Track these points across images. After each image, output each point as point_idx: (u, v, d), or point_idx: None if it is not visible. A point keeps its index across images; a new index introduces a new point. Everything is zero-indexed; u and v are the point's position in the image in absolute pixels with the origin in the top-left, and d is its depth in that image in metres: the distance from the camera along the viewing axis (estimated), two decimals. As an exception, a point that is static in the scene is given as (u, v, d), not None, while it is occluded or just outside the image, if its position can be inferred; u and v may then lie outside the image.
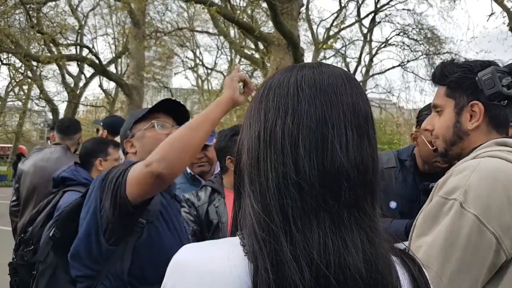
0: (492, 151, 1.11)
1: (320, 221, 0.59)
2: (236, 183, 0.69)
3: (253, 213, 0.61)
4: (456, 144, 1.23)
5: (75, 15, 18.13)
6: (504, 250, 0.98)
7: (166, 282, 0.61)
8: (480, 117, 1.18)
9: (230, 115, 21.28)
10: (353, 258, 0.57)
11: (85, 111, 32.68)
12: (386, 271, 0.60)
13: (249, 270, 0.57)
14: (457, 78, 1.21)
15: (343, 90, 0.65)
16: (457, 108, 1.21)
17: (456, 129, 1.22)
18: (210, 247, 0.63)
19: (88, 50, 16.34)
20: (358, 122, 0.64)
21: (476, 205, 1.00)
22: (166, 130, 1.59)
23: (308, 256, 0.57)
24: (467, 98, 1.20)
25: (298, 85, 0.65)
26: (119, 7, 13.71)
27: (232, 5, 11.97)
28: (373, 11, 18.85)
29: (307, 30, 18.57)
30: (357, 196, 0.61)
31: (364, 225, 0.61)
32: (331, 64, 0.73)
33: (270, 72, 8.85)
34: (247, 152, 0.66)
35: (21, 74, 17.21)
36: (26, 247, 1.91)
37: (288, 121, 0.62)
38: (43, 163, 2.99)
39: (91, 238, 1.34)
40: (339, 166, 0.60)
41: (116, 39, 21.08)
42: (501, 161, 1.07)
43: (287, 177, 0.60)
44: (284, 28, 7.65)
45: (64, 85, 18.82)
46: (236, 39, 17.38)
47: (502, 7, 13.16)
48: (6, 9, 11.41)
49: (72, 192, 2.14)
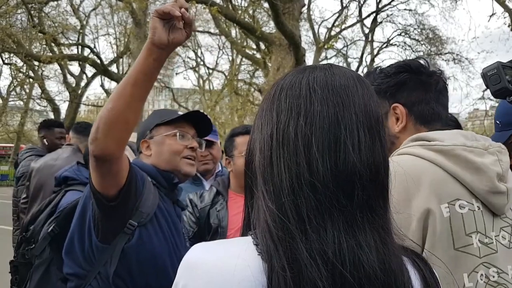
0: (403, 148, 1.10)
1: (334, 221, 0.59)
2: (248, 183, 0.70)
3: (268, 212, 0.61)
4: (390, 149, 1.20)
5: (77, 15, 18.15)
6: None
7: (178, 281, 0.61)
8: (403, 118, 1.16)
9: (231, 115, 21.30)
10: (368, 257, 0.58)
11: (86, 111, 32.73)
12: (398, 270, 0.61)
13: (264, 269, 0.58)
14: (376, 86, 1.19)
15: (354, 92, 0.65)
16: (383, 114, 1.20)
17: (387, 134, 1.19)
18: (222, 246, 0.63)
19: (89, 50, 16.37)
20: (370, 123, 0.64)
21: None
22: (186, 142, 1.56)
23: (324, 255, 0.57)
24: (388, 102, 1.18)
25: (310, 86, 0.65)
26: (121, 7, 13.73)
27: (234, 5, 11.98)
28: (374, 11, 18.84)
29: (309, 30, 18.59)
30: (369, 196, 0.62)
31: (377, 225, 0.62)
32: None
33: (272, 72, 8.84)
34: (260, 153, 0.66)
35: (22, 74, 17.23)
36: (27, 245, 1.91)
37: (301, 121, 0.63)
38: (52, 162, 3.05)
39: (84, 232, 1.34)
40: (352, 167, 0.61)
41: (117, 39, 21.11)
42: (406, 156, 1.06)
43: (300, 177, 0.61)
44: (286, 28, 7.66)
45: (66, 85, 18.83)
46: (238, 39, 17.38)
47: (504, 7, 13.13)
48: (8, 9, 11.42)
49: (74, 191, 2.14)
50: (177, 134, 1.55)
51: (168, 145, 1.54)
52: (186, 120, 1.59)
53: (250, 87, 19.47)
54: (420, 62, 1.20)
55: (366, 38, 20.04)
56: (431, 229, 0.97)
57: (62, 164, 2.90)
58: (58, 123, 3.96)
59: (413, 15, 18.91)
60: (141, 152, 1.59)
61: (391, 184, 0.66)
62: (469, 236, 0.99)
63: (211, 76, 24.57)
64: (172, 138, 1.55)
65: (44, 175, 3.00)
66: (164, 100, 49.69)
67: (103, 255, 1.32)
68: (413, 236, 0.96)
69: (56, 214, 1.56)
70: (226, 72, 22.19)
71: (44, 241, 1.53)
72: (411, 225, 0.97)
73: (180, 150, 1.54)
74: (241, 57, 19.75)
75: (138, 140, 1.61)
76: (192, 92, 26.83)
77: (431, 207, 0.97)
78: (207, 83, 24.92)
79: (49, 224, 1.55)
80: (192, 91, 26.78)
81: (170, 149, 1.53)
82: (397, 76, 1.19)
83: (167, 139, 1.55)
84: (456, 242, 0.98)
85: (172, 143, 1.54)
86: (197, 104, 26.82)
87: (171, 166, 1.55)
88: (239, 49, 16.33)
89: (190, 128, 1.60)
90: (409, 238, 0.93)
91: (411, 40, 19.28)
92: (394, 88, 1.18)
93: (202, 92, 24.71)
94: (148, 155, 1.56)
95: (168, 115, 1.60)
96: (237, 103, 19.54)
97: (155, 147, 1.55)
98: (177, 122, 1.57)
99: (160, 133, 1.56)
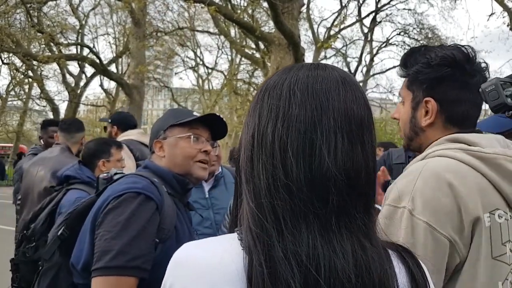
0: (442, 149, 1.08)
1: (309, 224, 0.59)
2: (236, 181, 0.71)
3: (249, 210, 0.63)
4: (413, 139, 1.19)
5: (76, 15, 18.14)
6: (458, 252, 0.97)
7: (166, 280, 0.62)
8: (433, 114, 1.13)
9: (231, 115, 21.29)
10: (342, 264, 0.58)
11: (85, 110, 32.72)
12: (379, 274, 0.60)
13: (245, 263, 0.59)
14: (414, 72, 1.15)
15: (335, 95, 0.64)
16: (414, 102, 1.17)
17: (412, 124, 1.18)
18: (209, 243, 0.64)
19: (88, 49, 16.35)
20: (350, 127, 0.63)
21: (425, 211, 0.97)
22: (200, 145, 1.52)
23: (298, 257, 0.58)
24: (423, 93, 1.14)
25: (291, 88, 0.65)
26: (120, 6, 13.71)
27: (233, 5, 11.99)
28: (374, 11, 18.86)
29: (308, 30, 18.62)
30: (346, 202, 0.61)
31: (355, 230, 0.61)
32: (332, 65, 0.73)
33: (271, 72, 8.85)
34: (243, 152, 0.67)
35: (21, 73, 17.21)
36: (28, 243, 1.91)
37: (278, 125, 0.63)
38: (40, 162, 3.05)
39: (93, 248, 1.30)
40: (326, 171, 0.60)
41: (116, 39, 21.10)
42: (449, 160, 1.04)
43: (277, 179, 0.61)
44: (285, 27, 7.66)
45: (65, 85, 18.83)
46: (237, 38, 17.39)
47: (503, 6, 13.15)
48: (6, 9, 11.41)
49: (75, 190, 2.15)
50: (191, 137, 1.51)
51: (181, 148, 1.51)
52: (200, 122, 1.55)
53: (249, 87, 19.47)
54: (467, 53, 1.12)
55: (365, 37, 20.06)
56: (477, 237, 0.98)
57: (51, 164, 2.91)
58: (52, 122, 3.90)
59: (412, 14, 18.92)
60: (154, 152, 1.56)
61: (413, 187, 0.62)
62: (504, 245, 1.00)
63: (210, 75, 24.60)
64: (186, 140, 1.51)
65: (32, 175, 2.99)
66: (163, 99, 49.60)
67: None
68: (464, 241, 0.97)
69: (65, 217, 1.52)
70: (225, 72, 22.20)
71: (54, 245, 1.49)
72: (464, 231, 0.97)
73: (194, 154, 1.51)
74: (240, 57, 19.76)
75: (151, 140, 1.58)
76: (191, 92, 26.82)
77: (480, 215, 0.98)
78: (207, 82, 24.94)
79: (58, 226, 1.51)
80: (192, 91, 26.78)
81: (184, 152, 1.50)
82: (439, 70, 1.12)
83: (180, 141, 1.51)
84: (494, 251, 0.99)
85: (186, 146, 1.51)
86: (196, 104, 26.81)
87: (184, 170, 1.52)
88: (238, 48, 16.32)
89: (205, 130, 1.56)
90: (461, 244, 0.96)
91: (410, 39, 19.31)
92: (434, 81, 1.13)
93: (201, 91, 24.70)
94: (161, 156, 1.53)
95: (183, 115, 1.56)
96: (237, 102, 19.54)
97: (168, 148, 1.52)
98: (191, 124, 1.53)
99: (174, 134, 1.52)
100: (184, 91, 28.27)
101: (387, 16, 19.16)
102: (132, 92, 13.02)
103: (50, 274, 1.52)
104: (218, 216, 2.24)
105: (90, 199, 1.50)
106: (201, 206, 2.25)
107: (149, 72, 18.18)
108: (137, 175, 1.45)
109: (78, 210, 1.49)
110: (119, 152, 2.61)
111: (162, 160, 1.53)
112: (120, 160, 2.60)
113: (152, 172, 1.50)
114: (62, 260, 1.49)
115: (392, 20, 19.27)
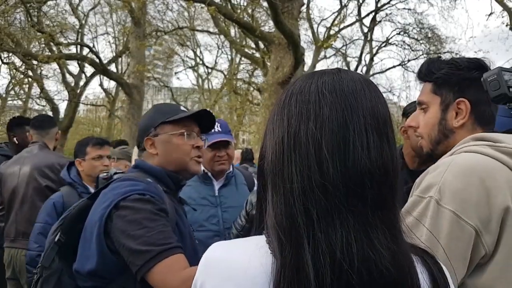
0: (468, 146, 1.10)
1: (343, 220, 0.61)
2: (259, 186, 0.73)
3: (275, 216, 0.64)
4: (441, 142, 1.21)
5: (76, 14, 18.09)
6: (483, 244, 0.97)
7: (197, 279, 0.65)
8: (466, 114, 1.16)
9: (230, 115, 21.29)
10: (379, 255, 0.60)
11: (85, 110, 32.68)
12: (409, 268, 0.62)
13: (273, 268, 0.60)
14: (443, 75, 1.19)
15: (362, 95, 0.68)
16: (443, 105, 1.19)
17: (442, 126, 1.20)
18: (238, 245, 0.67)
19: (88, 49, 16.33)
20: (378, 125, 0.67)
21: (452, 201, 0.98)
22: (192, 141, 1.54)
23: (331, 255, 0.59)
24: (454, 95, 1.18)
25: (319, 91, 0.68)
26: (120, 6, 13.70)
27: (233, 4, 11.97)
28: (373, 10, 18.84)
29: (308, 29, 18.58)
30: (380, 195, 0.64)
31: (388, 223, 0.63)
32: (351, 70, 0.76)
33: (271, 71, 8.84)
34: (271, 156, 0.68)
35: (21, 73, 17.19)
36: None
37: (311, 125, 0.65)
38: (18, 164, 3.00)
39: (105, 255, 1.30)
40: (362, 167, 0.63)
41: (116, 38, 21.07)
42: (477, 155, 1.06)
43: (311, 179, 0.63)
44: (285, 27, 7.65)
45: (65, 84, 18.77)
46: (237, 38, 17.37)
47: (502, 5, 13.14)
48: (6, 8, 11.40)
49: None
50: (184, 133, 1.52)
51: (176, 145, 1.52)
52: (190, 117, 1.57)
53: (249, 86, 19.44)
54: (484, 61, 1.20)
55: (365, 37, 20.04)
56: (509, 228, 0.98)
57: (33, 162, 2.92)
58: (27, 120, 3.63)
59: (412, 14, 18.89)
60: (144, 149, 1.55)
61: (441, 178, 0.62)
62: None
63: (210, 75, 24.55)
64: (179, 137, 1.52)
65: (15, 178, 2.94)
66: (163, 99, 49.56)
67: (128, 269, 1.29)
68: (492, 233, 0.97)
69: (60, 222, 1.51)
70: (225, 71, 22.18)
71: (52, 251, 1.48)
72: (491, 222, 0.97)
73: (188, 150, 1.53)
74: (240, 56, 19.73)
75: (140, 137, 1.57)
76: (191, 91, 26.79)
77: (510, 205, 0.98)
78: (206, 82, 24.92)
79: (54, 232, 1.50)
80: (191, 91, 26.74)
81: (178, 149, 1.51)
82: (470, 72, 1.17)
83: (174, 139, 1.52)
84: None
85: (180, 143, 1.52)
86: (196, 104, 26.77)
87: (179, 167, 1.53)
88: (238, 48, 16.31)
89: (195, 125, 1.58)
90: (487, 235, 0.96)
91: (410, 39, 19.30)
92: (466, 83, 1.17)
93: (201, 91, 24.68)
94: (153, 154, 1.53)
95: (172, 111, 1.57)
96: (236, 102, 19.53)
97: (161, 146, 1.52)
98: (183, 120, 1.54)
99: (166, 131, 1.52)
100: (184, 90, 28.23)
101: (387, 16, 19.14)
102: (132, 92, 13.00)
103: (52, 280, 1.50)
104: (225, 214, 2.26)
105: (83, 202, 1.48)
106: (210, 203, 2.28)
107: (149, 72, 18.15)
108: (131, 178, 1.43)
109: (72, 214, 1.48)
110: (96, 150, 2.68)
111: (155, 157, 1.52)
112: (102, 157, 2.66)
113: (145, 172, 1.49)
114: (62, 266, 1.48)
115: (392, 20, 19.25)
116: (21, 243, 2.86)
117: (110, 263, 1.30)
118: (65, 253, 1.45)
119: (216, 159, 2.31)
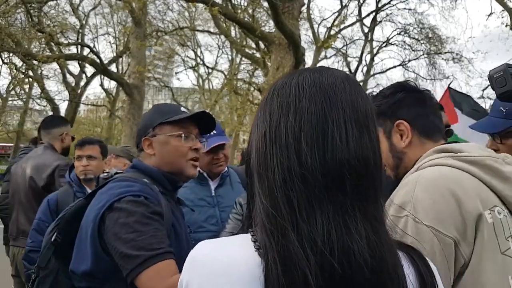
0: (432, 159, 1.13)
1: (324, 210, 0.62)
2: (248, 182, 0.73)
3: (262, 208, 0.65)
4: (399, 165, 1.25)
5: (76, 14, 18.12)
6: (462, 253, 0.99)
7: (182, 278, 0.64)
8: (409, 132, 1.21)
9: (231, 115, 21.29)
10: (358, 245, 0.60)
11: (86, 110, 32.71)
12: (391, 259, 0.62)
13: (261, 264, 0.60)
14: (377, 108, 1.24)
15: (342, 89, 0.68)
16: (386, 133, 1.26)
17: (393, 152, 1.25)
18: (223, 243, 0.66)
19: (89, 49, 16.33)
20: (357, 117, 0.67)
21: (427, 216, 1.00)
22: (190, 143, 1.52)
23: (313, 243, 0.60)
24: (390, 121, 1.24)
25: (299, 85, 0.69)
26: (120, 6, 13.70)
27: (233, 5, 11.97)
28: (374, 11, 18.85)
29: (308, 30, 18.60)
30: (359, 187, 0.64)
31: (368, 214, 0.63)
32: (332, 67, 0.76)
33: (271, 72, 8.83)
34: (255, 151, 0.70)
35: (22, 73, 17.20)
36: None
37: (290, 118, 0.66)
38: (24, 162, 3.07)
39: (100, 256, 1.30)
40: (341, 158, 0.64)
41: (117, 38, 21.09)
42: (442, 167, 1.08)
43: (291, 170, 0.63)
44: (285, 27, 7.65)
45: (65, 84, 18.79)
46: (237, 38, 17.37)
47: (503, 5, 13.13)
48: (6, 8, 11.40)
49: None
50: (182, 135, 1.51)
51: (173, 146, 1.50)
52: (189, 119, 1.55)
53: (249, 87, 19.44)
54: (410, 83, 1.31)
55: (365, 37, 20.05)
56: (480, 234, 1.00)
57: (35, 163, 2.96)
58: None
59: (412, 14, 18.96)
60: (142, 149, 1.54)
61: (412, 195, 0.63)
62: (507, 240, 1.03)
63: (211, 75, 24.58)
64: (177, 139, 1.51)
65: (18, 176, 3.02)
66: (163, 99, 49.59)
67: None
68: (468, 241, 0.99)
69: (56, 222, 1.50)
70: (225, 72, 22.19)
71: (49, 251, 1.47)
72: (467, 231, 0.99)
73: (185, 152, 1.51)
74: (240, 57, 19.75)
75: (139, 137, 1.56)
76: (191, 91, 26.80)
77: (481, 212, 1.00)
78: (207, 82, 24.93)
79: (50, 232, 1.49)
80: (192, 91, 26.76)
81: (175, 151, 1.50)
82: (395, 96, 1.26)
83: (172, 140, 1.50)
84: (501, 246, 1.01)
85: (177, 144, 1.50)
86: (197, 104, 26.80)
87: (175, 168, 1.52)
88: (238, 48, 16.31)
89: (194, 127, 1.56)
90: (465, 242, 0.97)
91: (410, 39, 19.34)
92: (394, 106, 1.25)
93: (201, 91, 24.69)
94: (151, 154, 1.52)
95: (171, 111, 1.55)
96: (237, 102, 19.52)
97: (158, 146, 1.51)
98: (182, 121, 1.53)
99: (164, 132, 1.51)
100: (185, 90, 28.24)
101: (387, 16, 19.17)
102: (133, 92, 13.00)
103: (48, 280, 1.50)
104: (223, 213, 2.26)
105: (80, 202, 1.48)
106: (207, 203, 2.28)
107: (149, 72, 18.16)
108: (127, 178, 1.43)
109: (68, 214, 1.47)
110: (77, 150, 2.73)
111: (152, 158, 1.52)
112: (80, 158, 2.69)
113: (141, 172, 1.48)
114: (58, 266, 1.47)
115: (392, 20, 19.27)
116: (22, 241, 2.89)
117: (104, 264, 1.30)
118: (62, 253, 1.45)
119: (214, 161, 2.32)
